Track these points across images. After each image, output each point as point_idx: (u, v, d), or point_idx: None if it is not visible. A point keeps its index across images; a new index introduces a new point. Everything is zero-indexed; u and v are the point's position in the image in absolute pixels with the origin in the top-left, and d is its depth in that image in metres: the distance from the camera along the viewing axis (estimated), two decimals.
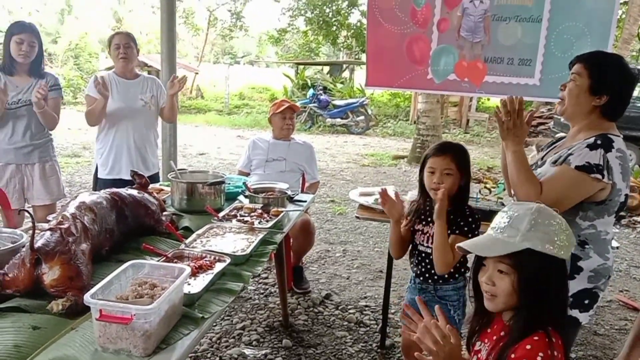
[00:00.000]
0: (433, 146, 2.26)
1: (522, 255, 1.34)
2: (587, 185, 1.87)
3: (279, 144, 3.85)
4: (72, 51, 19.19)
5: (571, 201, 1.90)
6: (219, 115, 16.06)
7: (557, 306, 1.38)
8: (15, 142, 3.15)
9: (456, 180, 2.14)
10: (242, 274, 1.96)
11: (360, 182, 7.74)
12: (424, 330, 1.44)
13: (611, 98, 1.94)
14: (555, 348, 1.30)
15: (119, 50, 3.41)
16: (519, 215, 1.39)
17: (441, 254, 2.11)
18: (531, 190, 1.91)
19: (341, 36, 18.76)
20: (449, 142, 2.28)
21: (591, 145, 1.89)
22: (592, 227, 1.96)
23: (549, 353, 1.29)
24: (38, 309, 1.55)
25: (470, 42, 3.79)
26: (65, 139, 9.77)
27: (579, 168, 1.86)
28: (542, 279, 1.35)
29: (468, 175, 2.19)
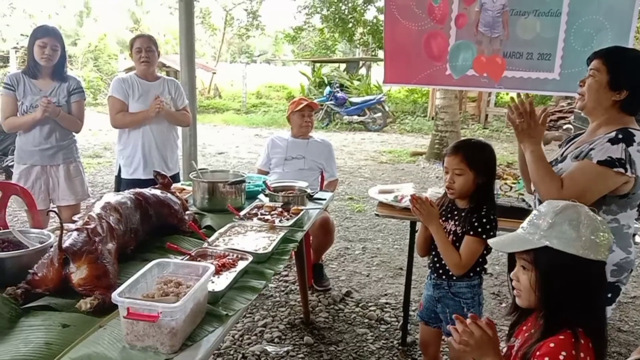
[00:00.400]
0: (451, 144, 2.27)
1: (541, 252, 1.34)
2: (610, 180, 1.87)
3: (298, 142, 3.87)
4: (92, 53, 19.46)
5: (594, 196, 1.90)
6: (237, 114, 16.15)
7: (584, 308, 1.33)
8: (40, 144, 3.22)
9: (469, 179, 2.13)
10: (265, 271, 1.99)
11: (379, 180, 7.73)
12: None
13: (630, 93, 1.93)
14: (582, 350, 1.27)
15: (140, 53, 3.46)
16: (543, 212, 1.39)
17: (445, 256, 2.14)
18: (552, 186, 1.91)
19: (357, 33, 18.68)
20: (465, 140, 2.27)
21: (612, 139, 1.89)
22: (615, 221, 1.95)
23: (573, 353, 1.27)
24: (67, 308, 1.59)
25: (489, 37, 3.77)
26: (86, 140, 9.92)
27: (601, 163, 1.86)
28: (561, 278, 1.32)
29: (487, 173, 2.15)
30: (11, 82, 3.17)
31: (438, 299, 2.29)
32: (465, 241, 2.12)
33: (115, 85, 3.50)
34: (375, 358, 2.92)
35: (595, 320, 1.34)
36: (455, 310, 2.22)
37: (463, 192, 2.16)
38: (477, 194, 2.15)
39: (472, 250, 2.12)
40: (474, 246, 2.11)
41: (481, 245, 2.11)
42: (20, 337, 1.45)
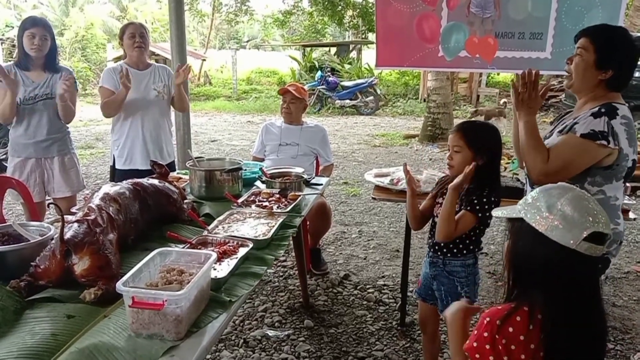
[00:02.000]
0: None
1: (516, 222, 1.37)
2: (593, 152, 1.94)
3: (291, 128, 3.87)
4: (79, 43, 19.19)
5: (577, 168, 1.97)
6: (228, 101, 16.07)
7: (541, 288, 1.30)
8: (34, 137, 3.20)
9: (467, 157, 2.14)
10: (265, 257, 2.01)
11: (373, 163, 7.75)
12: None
13: (616, 72, 2.00)
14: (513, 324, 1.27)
15: (134, 39, 3.42)
16: (535, 190, 1.42)
17: (444, 222, 2.14)
18: (538, 158, 1.99)
19: (347, 16, 18.55)
20: (469, 120, 2.29)
21: (595, 113, 1.96)
22: (601, 193, 2.01)
23: (496, 323, 1.28)
24: (71, 299, 1.60)
25: (481, 18, 3.77)
26: (77, 131, 9.86)
27: (584, 136, 1.93)
28: (523, 251, 1.34)
29: (489, 155, 2.15)
30: None
31: (434, 277, 2.32)
32: (461, 215, 2.14)
33: (106, 76, 3.48)
34: (375, 339, 2.96)
35: (553, 307, 1.28)
36: (450, 288, 2.26)
37: (462, 170, 2.15)
38: (479, 175, 2.16)
39: (463, 224, 2.13)
40: (466, 221, 2.12)
41: (473, 221, 2.13)
42: (26, 329, 1.47)
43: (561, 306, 1.28)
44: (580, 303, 1.30)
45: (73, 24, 19.72)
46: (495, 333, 1.28)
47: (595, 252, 1.26)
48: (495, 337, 1.28)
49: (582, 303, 1.30)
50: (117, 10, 27.86)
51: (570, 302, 1.29)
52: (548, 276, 1.30)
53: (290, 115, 3.86)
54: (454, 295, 2.24)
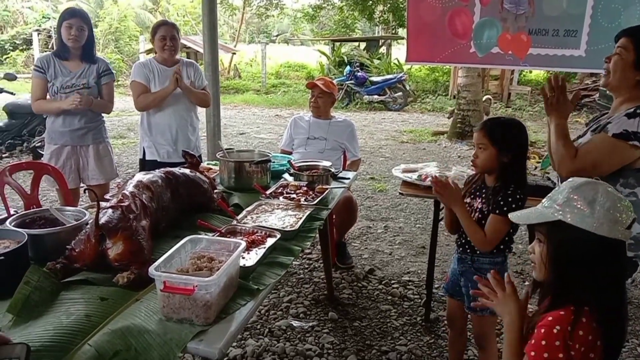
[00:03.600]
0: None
1: (553, 226, 1.35)
2: (624, 152, 1.91)
3: (320, 122, 3.88)
4: (112, 34, 19.56)
5: (608, 167, 1.94)
6: (257, 94, 16.17)
7: (594, 286, 1.30)
8: (70, 125, 3.29)
9: (491, 154, 2.13)
10: (292, 248, 2.03)
11: (400, 159, 7.72)
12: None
13: None
14: (581, 327, 1.26)
15: (165, 41, 3.46)
16: (561, 188, 1.40)
17: (470, 235, 2.16)
18: (566, 156, 1.99)
19: (377, 11, 18.44)
20: (495, 117, 2.28)
21: (630, 114, 1.93)
22: (633, 195, 1.98)
23: (568, 329, 1.26)
24: (104, 282, 1.66)
25: (514, 14, 3.71)
26: (110, 121, 10.04)
27: (616, 136, 1.90)
28: (571, 253, 1.32)
29: (514, 152, 2.12)
30: (41, 65, 3.24)
31: (462, 273, 2.32)
32: (490, 219, 2.13)
33: (137, 70, 3.54)
34: (399, 333, 2.97)
35: (607, 300, 1.30)
36: (477, 285, 2.24)
37: (486, 168, 2.17)
38: (504, 173, 2.14)
39: (496, 228, 2.13)
40: (498, 225, 2.12)
41: (506, 224, 2.12)
42: (61, 309, 1.52)
43: (615, 297, 1.32)
44: (623, 291, 1.36)
45: (107, 16, 20.07)
46: (568, 339, 1.26)
47: (628, 236, 1.31)
48: (568, 344, 1.26)
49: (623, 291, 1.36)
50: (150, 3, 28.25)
51: (618, 293, 1.34)
52: (599, 272, 1.31)
53: (318, 109, 3.87)
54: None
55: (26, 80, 14.58)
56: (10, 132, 6.69)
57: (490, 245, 2.16)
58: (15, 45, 20.38)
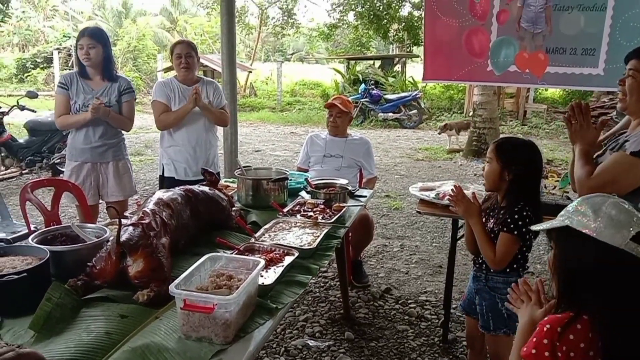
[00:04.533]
0: None
1: (561, 231, 1.37)
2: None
3: (336, 140, 3.89)
4: (131, 53, 19.90)
5: (626, 186, 1.91)
6: (272, 112, 16.29)
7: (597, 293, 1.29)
8: (90, 142, 3.34)
9: (494, 169, 2.16)
10: (310, 266, 2.03)
11: (415, 177, 7.69)
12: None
13: None
14: (573, 332, 1.26)
15: (180, 59, 3.51)
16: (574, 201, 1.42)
17: (482, 251, 2.16)
18: (583, 173, 1.96)
19: (392, 29, 18.56)
20: (507, 136, 2.29)
21: None
22: None
23: (557, 330, 1.27)
24: (124, 299, 1.67)
25: (531, 33, 3.72)
26: (128, 139, 10.14)
27: (634, 154, 1.87)
28: (575, 258, 1.33)
29: (519, 170, 2.13)
30: (65, 82, 3.30)
31: (476, 291, 2.30)
32: (499, 238, 2.13)
33: (158, 90, 3.59)
34: (417, 354, 2.93)
35: (610, 311, 1.27)
36: (491, 304, 2.23)
37: (490, 182, 2.21)
38: (512, 191, 2.15)
39: (505, 247, 2.12)
40: (507, 243, 2.12)
41: (514, 242, 2.11)
42: (82, 326, 1.53)
43: (616, 309, 1.27)
44: (633, 305, 1.28)
45: (125, 35, 20.45)
46: (555, 340, 1.27)
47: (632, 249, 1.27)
48: (555, 344, 1.26)
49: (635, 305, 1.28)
50: (168, 22, 28.77)
51: (623, 305, 1.28)
52: (600, 280, 1.30)
53: (336, 128, 3.89)
54: (494, 312, 2.21)
55: (46, 97, 14.86)
56: (30, 149, 6.80)
57: (500, 264, 2.15)
58: (36, 63, 20.81)
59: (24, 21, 25.51)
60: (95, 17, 29.61)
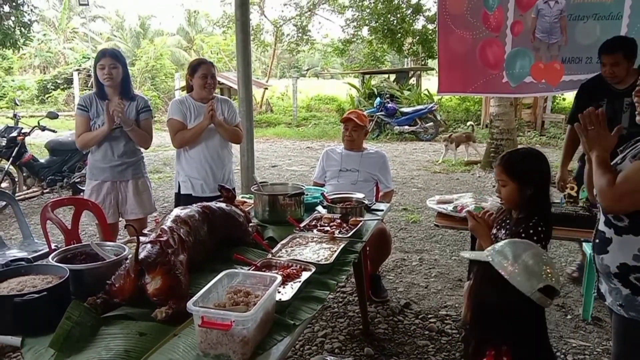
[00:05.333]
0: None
1: (482, 265, 1.55)
2: None
3: (352, 155, 3.89)
4: (149, 72, 20.23)
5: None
6: (288, 127, 16.38)
7: (497, 327, 1.49)
8: (110, 161, 3.38)
9: (512, 189, 2.11)
10: (328, 282, 2.02)
11: (433, 190, 7.64)
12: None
13: None
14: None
15: (206, 80, 3.52)
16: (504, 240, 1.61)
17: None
18: (605, 183, 1.88)
19: (406, 43, 18.59)
20: (511, 150, 2.24)
21: None
22: None
23: None
24: (143, 317, 1.68)
25: (547, 44, 3.71)
26: (146, 156, 10.25)
27: None
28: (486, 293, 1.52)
29: (536, 182, 2.10)
30: (84, 103, 3.36)
31: None
32: None
33: (174, 108, 3.61)
34: None
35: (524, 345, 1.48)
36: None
37: (510, 202, 2.16)
38: (526, 204, 2.11)
39: None
40: None
41: None
42: (101, 344, 1.54)
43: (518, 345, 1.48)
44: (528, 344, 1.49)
45: (143, 54, 20.80)
46: None
47: (545, 303, 1.47)
48: None
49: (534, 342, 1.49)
50: (185, 42, 29.23)
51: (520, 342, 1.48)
52: (504, 317, 1.49)
53: (352, 142, 3.89)
54: None
55: (67, 118, 15.15)
56: (51, 169, 6.91)
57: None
58: (57, 84, 21.28)
59: (45, 44, 26.11)
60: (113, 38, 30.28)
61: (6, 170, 6.45)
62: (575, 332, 3.29)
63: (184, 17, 32.47)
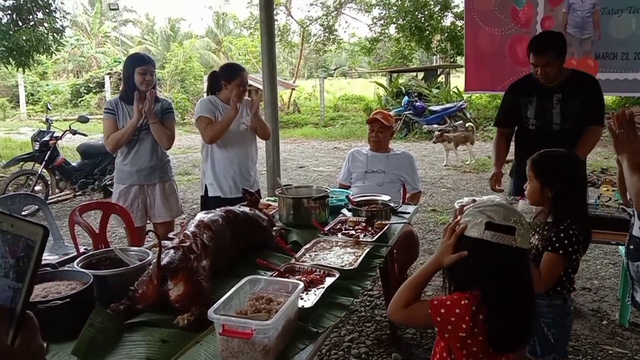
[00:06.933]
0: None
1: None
2: None
3: (378, 156, 3.84)
4: (179, 75, 20.51)
5: None
6: (316, 128, 16.37)
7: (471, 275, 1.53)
8: (138, 165, 3.41)
9: (535, 188, 2.07)
10: (352, 288, 1.98)
11: (463, 190, 7.52)
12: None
13: None
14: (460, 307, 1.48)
15: (242, 87, 3.52)
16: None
17: None
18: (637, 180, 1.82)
19: (435, 41, 18.39)
20: (545, 151, 2.16)
21: None
22: None
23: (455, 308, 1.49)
24: (165, 323, 1.66)
25: (579, 39, 3.59)
26: (176, 158, 10.43)
27: None
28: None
29: (560, 185, 2.03)
30: (111, 107, 3.40)
31: None
32: (544, 258, 2.02)
33: (202, 106, 3.61)
34: None
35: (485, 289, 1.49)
36: (536, 329, 2.11)
37: (532, 199, 2.14)
38: (556, 207, 2.04)
39: (550, 267, 2.00)
40: (551, 263, 2.00)
41: (560, 262, 1.99)
42: (124, 351, 1.54)
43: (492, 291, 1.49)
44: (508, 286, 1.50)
45: (173, 57, 21.09)
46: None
47: (504, 240, 1.47)
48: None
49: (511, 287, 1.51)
50: (213, 44, 29.55)
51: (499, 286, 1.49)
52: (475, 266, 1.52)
53: (378, 144, 3.84)
54: (540, 337, 2.10)
55: (98, 121, 15.47)
56: (82, 172, 7.05)
57: (545, 286, 2.03)
58: (89, 88, 21.76)
59: (77, 48, 26.77)
60: (144, 42, 30.84)
61: (39, 174, 6.61)
62: (611, 338, 3.17)
63: (213, 20, 32.94)
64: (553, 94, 3.11)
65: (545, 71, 3.03)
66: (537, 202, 2.13)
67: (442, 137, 9.80)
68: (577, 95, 3.06)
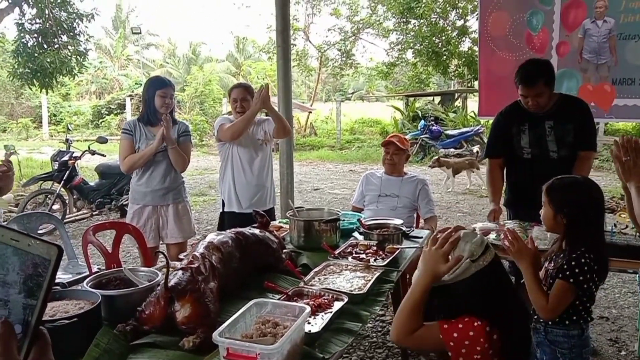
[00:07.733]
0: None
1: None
2: None
3: (391, 179, 3.83)
4: (198, 97, 20.81)
5: None
6: (332, 150, 16.42)
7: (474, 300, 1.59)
8: (152, 186, 3.46)
9: (548, 214, 2.06)
10: (360, 313, 1.96)
11: (479, 214, 7.44)
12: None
13: None
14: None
15: (236, 103, 3.64)
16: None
17: (531, 297, 2.01)
18: None
19: (452, 65, 18.42)
20: (558, 178, 2.14)
21: None
22: None
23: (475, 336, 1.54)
24: (171, 345, 1.66)
25: (595, 64, 3.57)
26: (193, 179, 10.52)
27: None
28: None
29: (573, 212, 2.01)
30: (129, 128, 3.46)
31: (537, 344, 2.14)
32: (555, 285, 1.98)
33: (223, 119, 3.76)
34: None
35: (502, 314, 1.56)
36: (551, 358, 2.06)
37: (547, 225, 2.13)
38: (570, 235, 2.01)
39: (558, 295, 1.97)
40: (560, 291, 1.96)
41: (570, 291, 1.95)
42: None
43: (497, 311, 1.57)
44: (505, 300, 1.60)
45: (193, 80, 21.43)
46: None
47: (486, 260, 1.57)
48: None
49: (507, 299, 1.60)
50: (233, 67, 29.98)
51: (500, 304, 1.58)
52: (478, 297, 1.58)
53: (393, 166, 3.84)
54: None
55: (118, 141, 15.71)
56: (100, 192, 7.15)
57: (552, 313, 1.98)
58: (110, 109, 22.18)
59: (100, 70, 27.34)
60: (166, 65, 31.39)
61: (57, 193, 6.70)
62: None
63: (233, 44, 33.41)
64: (545, 121, 3.07)
65: (537, 102, 2.99)
66: (552, 228, 2.12)
67: (440, 162, 9.59)
68: (569, 121, 3.02)
